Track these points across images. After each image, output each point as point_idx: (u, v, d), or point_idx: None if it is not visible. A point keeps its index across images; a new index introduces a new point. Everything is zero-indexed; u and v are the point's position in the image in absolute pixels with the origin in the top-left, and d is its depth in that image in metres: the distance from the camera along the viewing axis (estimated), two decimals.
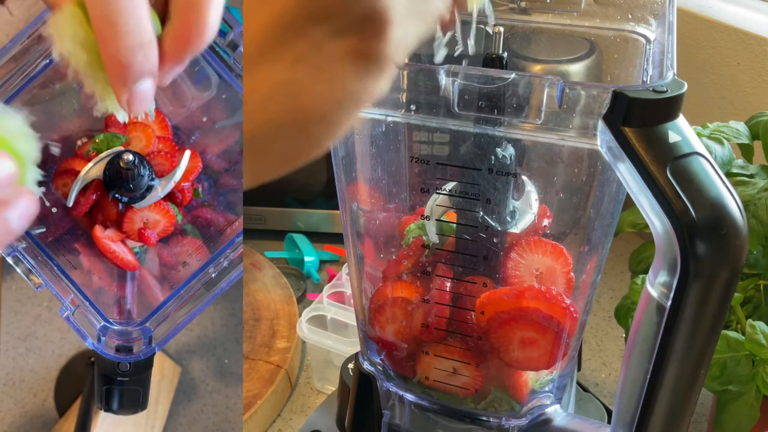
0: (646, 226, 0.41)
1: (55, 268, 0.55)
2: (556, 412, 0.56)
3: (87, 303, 0.55)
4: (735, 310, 0.76)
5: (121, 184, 0.58)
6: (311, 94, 0.28)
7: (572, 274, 0.51)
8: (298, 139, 0.29)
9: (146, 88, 0.35)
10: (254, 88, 0.28)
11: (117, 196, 0.59)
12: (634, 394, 0.45)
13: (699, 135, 0.67)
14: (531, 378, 0.55)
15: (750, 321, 0.70)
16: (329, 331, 0.92)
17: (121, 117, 0.40)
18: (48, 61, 0.53)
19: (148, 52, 0.34)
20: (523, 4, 0.59)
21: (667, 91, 0.38)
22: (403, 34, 0.29)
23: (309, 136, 0.29)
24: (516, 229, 0.51)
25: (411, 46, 0.30)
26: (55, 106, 0.60)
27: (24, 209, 0.33)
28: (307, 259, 1.17)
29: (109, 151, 0.59)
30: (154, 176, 0.60)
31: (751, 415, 0.70)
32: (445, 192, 0.50)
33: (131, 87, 0.35)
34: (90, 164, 0.59)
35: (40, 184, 0.36)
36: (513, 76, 0.41)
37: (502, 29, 0.52)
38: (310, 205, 1.19)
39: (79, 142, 0.62)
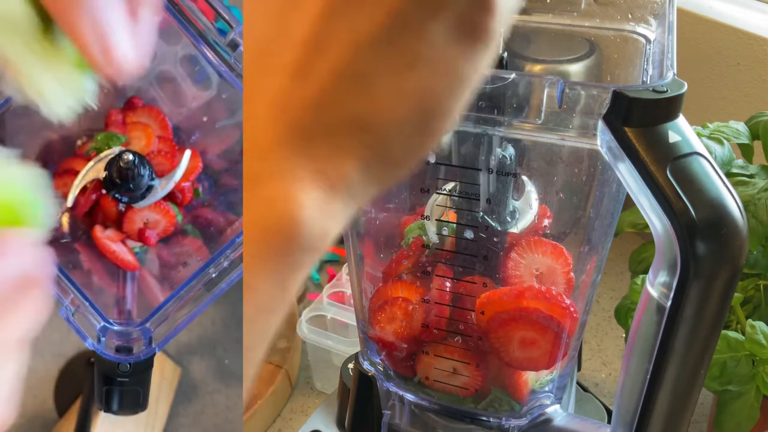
0: (646, 226, 0.41)
1: (55, 268, 0.55)
2: (556, 412, 0.56)
3: (87, 303, 0.55)
4: (735, 310, 0.76)
5: (121, 184, 0.58)
6: (432, 93, 0.26)
7: (572, 274, 0.51)
8: (418, 137, 0.27)
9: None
10: (376, 97, 0.25)
11: (117, 196, 0.59)
12: (634, 394, 0.45)
13: (699, 135, 0.67)
14: (531, 378, 0.55)
15: (750, 321, 0.70)
16: (329, 331, 0.91)
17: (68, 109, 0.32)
18: None
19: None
20: (523, 4, 0.59)
21: (667, 91, 0.38)
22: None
23: (430, 132, 0.27)
24: (516, 229, 0.51)
25: (513, 11, 0.28)
26: None
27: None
28: None
29: (109, 151, 0.59)
30: (154, 176, 0.60)
31: (751, 415, 0.70)
32: (445, 192, 0.50)
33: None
34: (90, 164, 0.59)
35: None
36: (513, 76, 0.41)
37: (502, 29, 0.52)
38: None
39: (79, 142, 0.63)
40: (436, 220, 0.51)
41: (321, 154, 0.25)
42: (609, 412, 0.71)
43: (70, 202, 0.58)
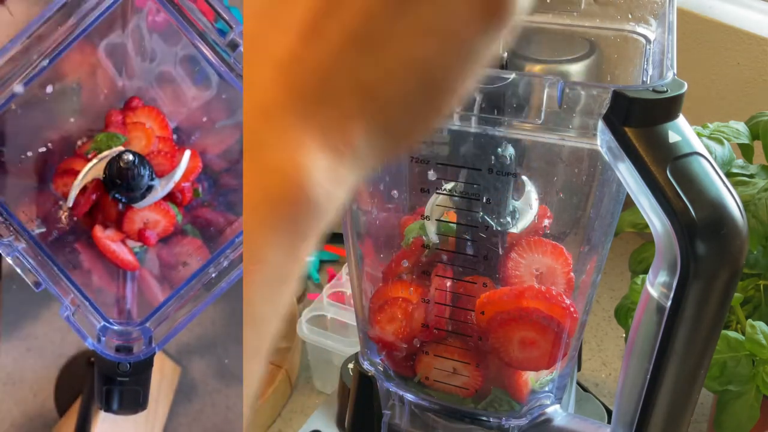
0: (646, 226, 0.41)
1: (55, 268, 0.55)
2: (556, 412, 0.56)
3: (87, 303, 0.55)
4: (735, 310, 0.76)
5: (121, 184, 0.58)
6: (441, 66, 0.25)
7: (572, 274, 0.51)
8: (423, 110, 0.26)
9: None
10: (385, 63, 0.24)
11: (117, 196, 0.59)
12: (634, 394, 0.45)
13: (699, 135, 0.67)
14: (531, 378, 0.55)
15: (750, 321, 0.71)
16: (329, 331, 0.92)
17: None
18: (48, 61, 0.53)
19: None
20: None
21: (667, 91, 0.38)
22: None
23: (435, 106, 0.26)
24: (516, 229, 0.51)
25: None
26: (55, 106, 0.60)
27: None
28: None
29: (109, 151, 0.59)
30: (154, 176, 0.60)
31: (751, 415, 0.70)
32: (445, 192, 0.50)
33: None
34: (90, 164, 0.59)
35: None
36: (513, 76, 0.41)
37: None
38: None
39: (79, 142, 0.62)
40: (436, 220, 0.51)
41: (327, 120, 0.24)
42: (609, 412, 0.71)
43: (70, 202, 0.58)
